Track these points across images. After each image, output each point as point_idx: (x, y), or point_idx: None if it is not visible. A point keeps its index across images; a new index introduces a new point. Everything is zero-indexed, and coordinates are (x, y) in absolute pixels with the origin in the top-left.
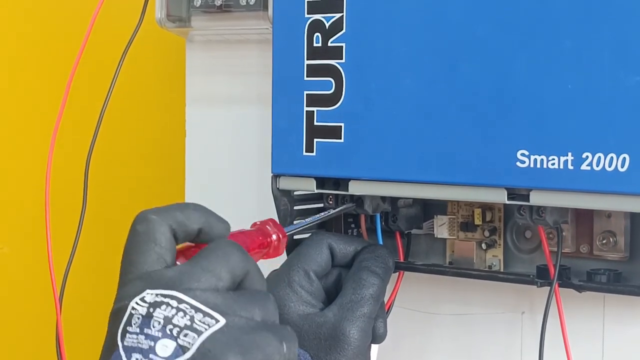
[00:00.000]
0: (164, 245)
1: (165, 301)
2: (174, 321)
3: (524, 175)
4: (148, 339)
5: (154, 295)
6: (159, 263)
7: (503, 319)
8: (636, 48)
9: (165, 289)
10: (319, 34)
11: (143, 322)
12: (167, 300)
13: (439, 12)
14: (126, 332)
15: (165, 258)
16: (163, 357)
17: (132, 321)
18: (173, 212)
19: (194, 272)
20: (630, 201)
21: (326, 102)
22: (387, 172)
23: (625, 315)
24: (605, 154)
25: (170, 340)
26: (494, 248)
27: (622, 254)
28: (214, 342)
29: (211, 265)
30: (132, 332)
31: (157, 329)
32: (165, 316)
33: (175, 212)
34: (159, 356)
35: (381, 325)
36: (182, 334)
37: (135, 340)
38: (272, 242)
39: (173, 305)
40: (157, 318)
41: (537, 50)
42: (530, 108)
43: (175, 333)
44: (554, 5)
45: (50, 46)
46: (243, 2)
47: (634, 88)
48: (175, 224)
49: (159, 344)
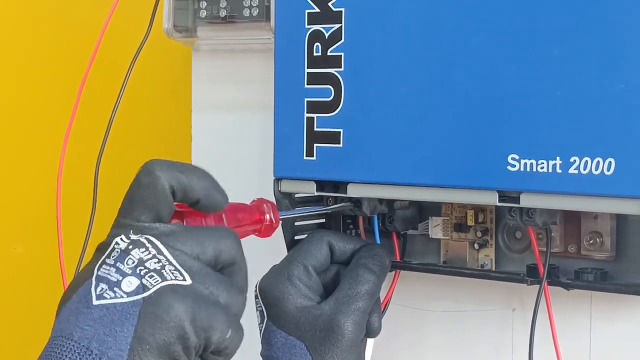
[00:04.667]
0: (161, 202)
1: (146, 245)
2: (146, 264)
3: (514, 179)
4: (118, 273)
5: (138, 236)
6: (153, 217)
7: (495, 315)
8: (621, 57)
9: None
10: (319, 43)
11: (120, 256)
12: (148, 245)
13: (433, 23)
14: (104, 263)
15: (161, 214)
16: (125, 292)
17: (111, 254)
18: (178, 174)
19: (183, 235)
20: (616, 203)
21: (326, 108)
22: (384, 176)
23: (612, 312)
24: (592, 158)
25: (136, 279)
26: (486, 248)
27: (609, 254)
28: (173, 291)
29: (202, 237)
30: (108, 263)
31: (129, 267)
32: (140, 258)
33: (181, 176)
34: (122, 290)
35: (375, 320)
36: (147, 275)
37: (107, 272)
38: (265, 220)
39: (151, 251)
40: (133, 257)
41: (527, 59)
42: (521, 114)
43: (143, 274)
44: (543, 16)
45: (64, 54)
46: (246, 13)
47: (618, 95)
48: (177, 186)
49: (126, 280)
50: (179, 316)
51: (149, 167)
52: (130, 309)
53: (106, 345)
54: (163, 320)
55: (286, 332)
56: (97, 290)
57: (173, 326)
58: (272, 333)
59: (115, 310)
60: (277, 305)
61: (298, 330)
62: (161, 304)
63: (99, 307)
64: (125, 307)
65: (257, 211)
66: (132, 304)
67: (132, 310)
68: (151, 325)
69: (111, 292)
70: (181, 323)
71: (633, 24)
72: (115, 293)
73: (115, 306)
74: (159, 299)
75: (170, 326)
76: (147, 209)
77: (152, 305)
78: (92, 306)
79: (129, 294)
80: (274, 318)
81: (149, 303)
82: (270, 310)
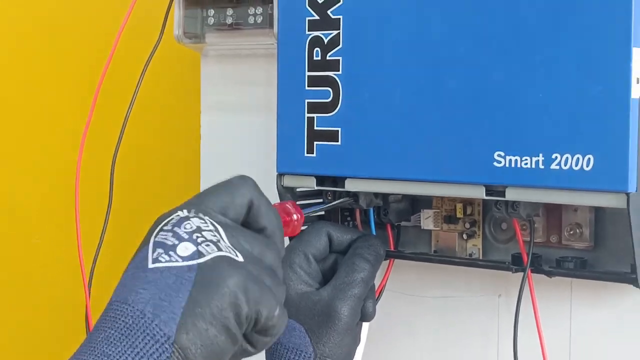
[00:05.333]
0: (236, 205)
1: (206, 220)
2: (204, 233)
3: (500, 174)
4: (174, 237)
5: (201, 214)
6: (220, 209)
7: (482, 301)
8: (598, 62)
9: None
10: (319, 48)
11: (178, 222)
12: (208, 222)
13: (424, 30)
14: (161, 230)
15: (228, 212)
16: (180, 256)
17: (170, 222)
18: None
19: (240, 229)
20: (594, 197)
21: (325, 109)
22: (380, 171)
23: (591, 298)
24: (572, 155)
25: (192, 245)
26: (473, 238)
27: (588, 244)
28: (228, 262)
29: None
30: (165, 229)
31: (186, 231)
32: (198, 226)
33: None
34: (177, 255)
35: (370, 305)
36: (204, 244)
37: (164, 237)
38: (293, 221)
39: (209, 227)
40: (191, 223)
41: (512, 64)
42: (506, 114)
43: (200, 241)
44: (527, 24)
45: (84, 59)
46: (251, 20)
47: (597, 96)
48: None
49: (182, 245)
50: (234, 284)
51: (246, 177)
52: (186, 274)
53: (160, 308)
54: (219, 286)
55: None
56: (154, 254)
57: (227, 293)
58: None
59: (170, 273)
60: None
61: (298, 314)
62: (217, 271)
63: (153, 270)
64: (181, 271)
65: (284, 213)
66: (188, 268)
67: (187, 275)
68: (206, 290)
69: (166, 256)
70: (235, 292)
71: (608, 32)
72: (171, 257)
73: (170, 269)
74: (215, 267)
75: (224, 292)
76: (219, 202)
77: (208, 272)
78: (147, 270)
79: (184, 258)
80: None
81: (204, 270)
82: None
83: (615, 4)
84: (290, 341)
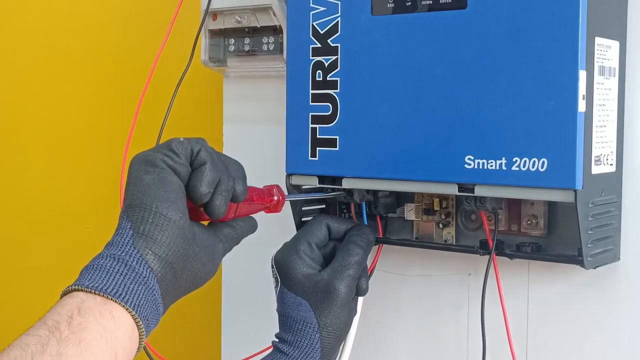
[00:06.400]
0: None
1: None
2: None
3: (470, 174)
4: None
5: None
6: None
7: (455, 279)
8: (551, 82)
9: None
10: (320, 71)
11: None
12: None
13: (407, 55)
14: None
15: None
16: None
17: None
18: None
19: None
20: (548, 193)
21: (326, 120)
22: (371, 172)
23: (545, 276)
24: (530, 158)
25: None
26: (448, 227)
27: (542, 231)
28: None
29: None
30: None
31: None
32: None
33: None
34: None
35: (364, 282)
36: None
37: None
38: (273, 200)
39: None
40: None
41: (480, 83)
42: (475, 124)
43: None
44: (492, 50)
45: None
46: (265, 48)
47: (550, 110)
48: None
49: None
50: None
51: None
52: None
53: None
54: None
55: (294, 293)
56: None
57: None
58: (284, 294)
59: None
60: (287, 273)
61: (304, 292)
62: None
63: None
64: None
65: (268, 194)
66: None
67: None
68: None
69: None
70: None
71: (559, 58)
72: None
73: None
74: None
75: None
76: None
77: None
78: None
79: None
80: (285, 283)
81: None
82: (282, 277)
83: (565, 35)
84: (298, 314)
